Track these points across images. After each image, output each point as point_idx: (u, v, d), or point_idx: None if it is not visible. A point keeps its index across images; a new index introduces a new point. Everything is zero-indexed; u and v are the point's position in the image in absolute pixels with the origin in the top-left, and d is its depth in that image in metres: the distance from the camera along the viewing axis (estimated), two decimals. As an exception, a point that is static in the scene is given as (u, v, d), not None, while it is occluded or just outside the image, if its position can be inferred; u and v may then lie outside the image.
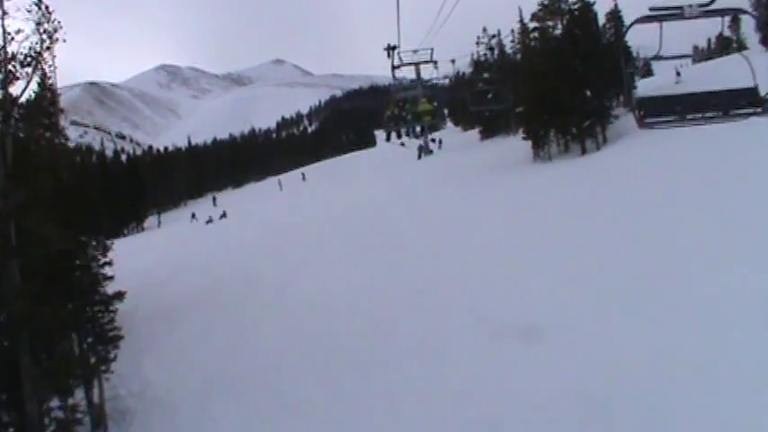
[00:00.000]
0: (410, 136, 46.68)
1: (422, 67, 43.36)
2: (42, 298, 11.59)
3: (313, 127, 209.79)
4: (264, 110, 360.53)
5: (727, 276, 10.35)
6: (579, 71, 26.43)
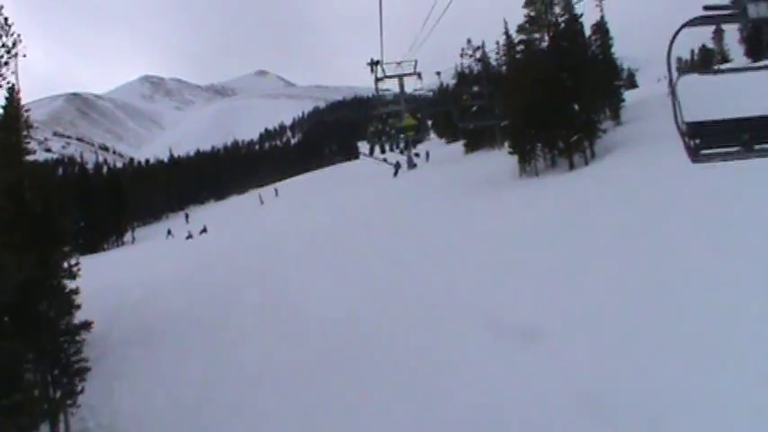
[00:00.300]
0: (394, 150, 46.28)
1: (405, 79, 43.07)
2: (1, 331, 10.75)
3: (296, 138, 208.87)
4: (248, 121, 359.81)
5: (727, 275, 10.43)
6: (567, 84, 26.08)
